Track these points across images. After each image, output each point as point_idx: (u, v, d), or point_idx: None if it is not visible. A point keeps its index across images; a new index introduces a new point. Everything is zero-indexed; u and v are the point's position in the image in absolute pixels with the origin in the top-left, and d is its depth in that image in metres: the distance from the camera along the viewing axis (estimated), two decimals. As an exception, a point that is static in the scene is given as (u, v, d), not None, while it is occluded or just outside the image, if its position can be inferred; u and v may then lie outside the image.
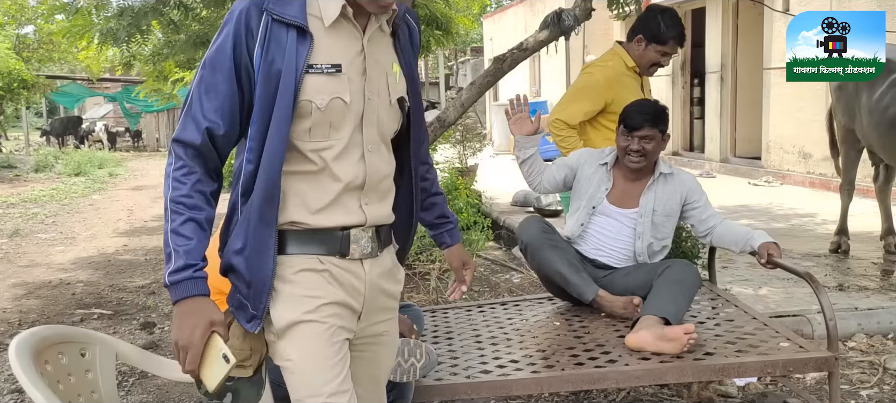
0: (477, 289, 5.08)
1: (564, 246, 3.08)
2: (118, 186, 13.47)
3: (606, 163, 3.10)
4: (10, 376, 3.76)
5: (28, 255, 7.15)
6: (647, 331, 2.58)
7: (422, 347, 2.25)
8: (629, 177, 3.07)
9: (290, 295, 1.57)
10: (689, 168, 11.70)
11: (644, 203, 3.03)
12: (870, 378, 3.35)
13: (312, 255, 1.58)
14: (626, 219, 3.06)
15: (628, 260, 3.09)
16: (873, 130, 4.74)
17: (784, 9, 8.81)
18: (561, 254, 3.01)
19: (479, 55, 23.72)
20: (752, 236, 2.92)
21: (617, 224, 3.08)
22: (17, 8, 17.51)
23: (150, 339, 4.39)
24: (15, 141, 27.16)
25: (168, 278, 1.52)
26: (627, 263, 3.09)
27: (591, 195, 3.08)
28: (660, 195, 3.05)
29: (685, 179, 3.12)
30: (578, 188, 3.14)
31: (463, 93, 4.26)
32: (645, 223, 3.03)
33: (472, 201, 6.72)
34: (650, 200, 3.03)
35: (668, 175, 3.07)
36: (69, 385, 1.96)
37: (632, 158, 2.99)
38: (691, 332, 2.49)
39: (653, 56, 3.45)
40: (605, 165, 3.10)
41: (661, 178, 3.06)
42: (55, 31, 10.92)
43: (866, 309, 3.96)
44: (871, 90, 4.69)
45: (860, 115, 4.85)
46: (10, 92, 16.71)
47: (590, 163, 3.13)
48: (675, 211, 3.07)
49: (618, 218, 3.07)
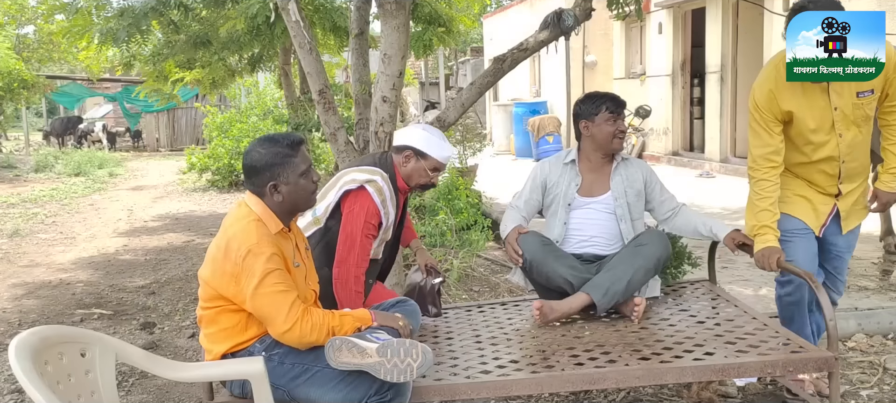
0: (477, 289, 5.08)
1: (563, 253, 3.19)
2: (118, 186, 13.47)
3: (571, 160, 3.29)
4: (10, 376, 3.76)
5: (28, 255, 7.15)
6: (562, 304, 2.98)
7: (418, 347, 2.25)
8: (594, 168, 3.27)
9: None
10: (689, 168, 11.70)
11: (615, 186, 3.24)
12: (870, 378, 3.34)
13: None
14: (602, 205, 3.23)
15: (616, 245, 3.21)
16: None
17: (784, 9, 8.81)
18: (564, 262, 3.11)
19: (479, 55, 23.72)
20: (714, 225, 3.16)
21: (595, 213, 3.24)
22: (17, 8, 17.51)
23: (150, 339, 4.39)
24: (15, 141, 27.16)
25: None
26: (615, 248, 3.20)
27: (564, 194, 3.25)
28: (625, 177, 3.25)
29: (640, 163, 3.36)
30: (550, 195, 3.30)
31: (463, 93, 4.25)
32: (622, 204, 3.22)
33: (472, 201, 6.72)
34: (620, 182, 3.24)
35: (627, 159, 3.31)
36: (69, 386, 1.96)
37: (618, 139, 3.22)
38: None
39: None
40: (570, 163, 3.28)
41: (622, 163, 3.28)
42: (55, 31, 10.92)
43: (866, 309, 3.96)
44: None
45: None
46: (10, 92, 16.69)
47: (553, 169, 3.32)
48: (641, 191, 3.27)
49: (594, 207, 3.24)
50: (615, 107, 3.21)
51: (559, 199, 3.25)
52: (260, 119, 12.26)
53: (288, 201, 2.35)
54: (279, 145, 2.34)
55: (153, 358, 2.27)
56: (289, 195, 2.34)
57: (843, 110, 2.74)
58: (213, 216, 9.31)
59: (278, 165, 2.32)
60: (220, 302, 2.31)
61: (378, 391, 2.26)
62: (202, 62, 7.76)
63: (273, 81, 13.30)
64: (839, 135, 2.78)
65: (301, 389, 2.32)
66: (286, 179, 2.32)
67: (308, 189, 2.38)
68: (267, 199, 2.34)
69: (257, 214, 2.32)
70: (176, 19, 6.54)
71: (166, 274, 6.12)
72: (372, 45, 5.39)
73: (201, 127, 17.76)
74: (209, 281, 2.31)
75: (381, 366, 2.21)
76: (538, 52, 4.54)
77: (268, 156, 2.32)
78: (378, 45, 4.14)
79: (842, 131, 2.78)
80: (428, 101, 23.71)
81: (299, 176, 2.34)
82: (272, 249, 2.25)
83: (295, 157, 2.34)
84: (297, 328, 2.24)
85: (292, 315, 2.23)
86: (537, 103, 14.92)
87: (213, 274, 2.30)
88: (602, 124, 3.20)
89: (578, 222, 3.25)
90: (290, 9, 4.15)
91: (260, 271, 2.20)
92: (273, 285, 2.22)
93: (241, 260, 2.21)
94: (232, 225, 2.31)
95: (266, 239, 2.26)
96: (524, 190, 3.36)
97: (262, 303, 2.23)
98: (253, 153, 2.35)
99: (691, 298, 3.26)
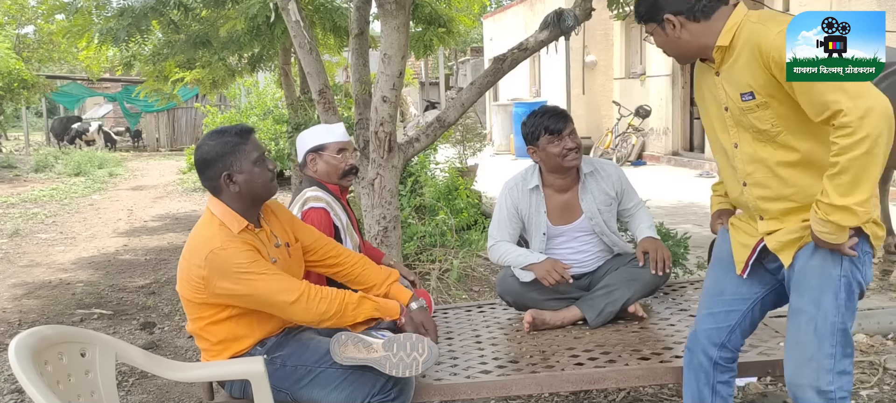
0: (477, 289, 5.08)
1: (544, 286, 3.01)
2: (118, 186, 13.47)
3: (534, 185, 3.06)
4: (10, 376, 3.76)
5: (28, 255, 7.15)
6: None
7: (424, 341, 2.25)
8: (560, 189, 3.06)
9: None
10: (689, 168, 11.70)
11: (586, 207, 3.05)
12: (870, 378, 3.34)
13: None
14: (579, 230, 3.08)
15: (604, 256, 3.13)
16: None
17: (784, 9, 8.81)
18: (544, 293, 3.02)
19: (479, 55, 23.72)
20: (645, 229, 3.08)
21: (574, 238, 3.09)
22: (17, 8, 17.51)
23: (150, 339, 4.39)
24: (15, 141, 27.16)
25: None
26: (603, 258, 3.13)
27: (537, 223, 3.07)
28: (595, 193, 3.06)
29: (610, 171, 3.12)
30: (525, 220, 3.11)
31: (463, 93, 4.26)
32: (598, 222, 3.06)
33: (473, 201, 6.72)
34: (590, 202, 3.05)
35: (591, 172, 3.07)
36: (69, 386, 1.96)
37: (570, 157, 2.96)
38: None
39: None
40: (534, 189, 3.06)
41: (587, 178, 3.05)
42: (55, 30, 10.91)
43: (866, 309, 3.96)
44: None
45: None
46: (10, 92, 16.69)
47: (521, 197, 3.08)
48: (613, 200, 3.10)
49: (571, 233, 3.08)
50: (555, 125, 2.92)
51: (533, 228, 3.08)
52: (260, 119, 12.25)
53: (245, 191, 2.29)
54: (228, 135, 2.29)
55: (153, 358, 2.26)
56: (245, 184, 2.28)
57: (732, 111, 2.06)
58: (213, 216, 9.30)
59: (229, 154, 2.27)
60: (203, 314, 2.29)
61: (381, 389, 2.25)
62: (202, 62, 7.76)
63: (273, 81, 13.31)
64: (734, 143, 2.09)
65: (304, 391, 2.31)
66: (239, 168, 2.27)
67: (264, 176, 2.32)
68: (224, 194, 2.30)
69: (218, 217, 2.28)
70: (176, 19, 6.54)
71: (166, 274, 6.12)
72: (372, 45, 5.39)
73: (201, 127, 17.78)
74: (183, 294, 2.31)
75: (387, 360, 2.21)
76: (538, 52, 4.54)
77: (217, 146, 2.27)
78: (378, 45, 4.14)
79: (736, 138, 2.08)
80: (428, 101, 23.73)
81: (253, 163, 2.29)
82: (241, 246, 2.21)
83: (245, 145, 2.29)
84: (304, 297, 2.22)
85: (295, 286, 2.22)
86: (537, 103, 14.90)
87: (183, 285, 2.29)
88: (546, 147, 2.95)
89: (559, 250, 3.09)
90: (290, 9, 4.15)
91: (235, 267, 2.18)
92: (261, 268, 2.20)
93: (203, 260, 2.18)
94: (195, 235, 2.29)
95: (229, 240, 2.22)
96: (500, 222, 3.10)
97: (256, 287, 2.20)
98: (202, 147, 2.30)
99: (691, 298, 3.26)
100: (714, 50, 2.04)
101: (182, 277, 2.29)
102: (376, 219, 4.14)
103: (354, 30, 4.59)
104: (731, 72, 2.03)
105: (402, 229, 5.26)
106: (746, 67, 1.97)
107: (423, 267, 5.23)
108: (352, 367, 2.26)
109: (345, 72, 15.26)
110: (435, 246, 5.61)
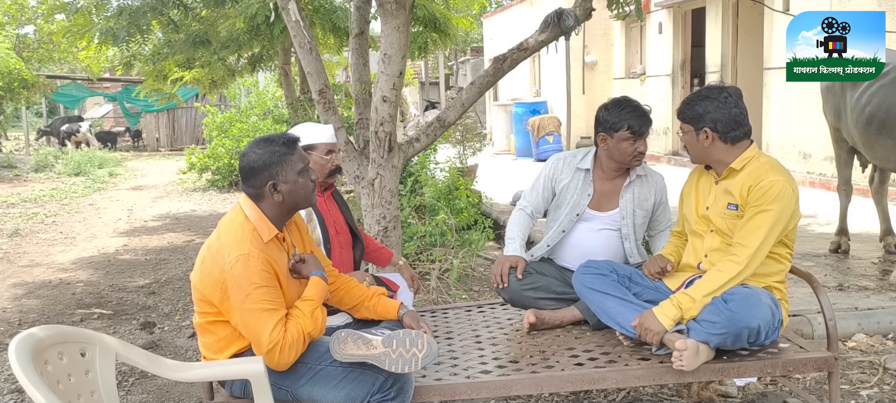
0: (477, 289, 5.08)
1: (543, 282, 3.03)
2: (118, 186, 13.47)
3: (586, 169, 3.06)
4: (10, 376, 3.76)
5: (28, 255, 7.15)
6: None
7: (423, 337, 2.25)
8: (607, 178, 3.06)
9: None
10: (689, 168, 11.69)
11: (624, 204, 3.04)
12: (870, 378, 3.34)
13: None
14: (607, 221, 3.06)
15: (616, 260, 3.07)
16: (855, 128, 4.75)
17: (784, 9, 8.81)
18: (543, 293, 3.01)
19: (479, 55, 23.71)
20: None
21: (599, 230, 3.07)
22: (17, 8, 17.51)
23: (150, 339, 4.39)
24: (15, 141, 27.16)
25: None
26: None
27: (575, 203, 3.06)
28: (637, 195, 3.06)
29: (657, 179, 3.13)
30: (558, 197, 3.11)
31: (463, 93, 4.26)
32: (628, 224, 3.05)
33: (473, 201, 6.72)
34: (629, 201, 3.05)
35: (643, 176, 3.08)
36: (69, 385, 1.96)
37: (638, 160, 3.00)
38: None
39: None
40: (585, 171, 3.06)
41: (637, 179, 3.06)
42: (55, 30, 10.93)
43: (866, 309, 3.96)
44: (853, 89, 4.70)
45: (845, 114, 4.85)
46: (10, 92, 16.69)
47: (565, 172, 3.08)
48: (650, 210, 3.09)
49: (598, 221, 3.07)
50: (639, 127, 2.92)
51: (566, 206, 3.07)
52: (260, 119, 12.26)
53: (288, 200, 2.34)
54: (275, 144, 2.33)
55: (153, 358, 2.26)
56: (289, 194, 2.33)
57: (713, 212, 2.65)
58: (213, 216, 9.30)
59: (276, 164, 2.31)
60: (211, 309, 2.31)
61: (381, 387, 2.26)
62: (202, 62, 7.76)
63: (273, 81, 13.31)
64: (702, 234, 2.70)
65: (304, 389, 2.31)
66: (285, 178, 2.32)
67: (307, 187, 2.37)
68: (266, 201, 2.33)
69: (252, 222, 2.30)
70: (176, 18, 6.54)
71: (166, 274, 6.12)
72: (372, 45, 5.39)
73: (201, 126, 17.76)
74: (197, 285, 2.31)
75: (387, 356, 2.21)
76: (538, 52, 4.54)
77: (265, 155, 2.31)
78: (378, 45, 4.14)
79: (707, 233, 2.69)
80: (428, 101, 23.74)
81: (297, 174, 2.34)
82: (263, 264, 2.22)
83: (292, 155, 2.34)
84: (276, 349, 2.21)
85: (274, 335, 2.20)
86: (537, 103, 14.91)
87: (201, 277, 2.29)
88: (620, 142, 2.94)
89: (579, 237, 3.08)
90: (290, 9, 4.15)
91: (248, 285, 2.19)
92: (260, 301, 2.20)
93: (230, 267, 2.20)
94: (226, 232, 2.30)
95: (258, 249, 2.23)
96: (534, 188, 3.17)
97: (247, 319, 2.21)
98: (250, 154, 2.34)
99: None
100: (725, 166, 2.63)
101: (202, 270, 2.29)
102: (376, 219, 4.14)
103: (354, 30, 4.59)
104: (728, 186, 2.61)
105: (402, 229, 5.26)
106: (740, 188, 2.57)
107: (423, 267, 5.23)
108: (351, 366, 2.27)
109: (345, 72, 15.27)
110: (435, 246, 5.61)
